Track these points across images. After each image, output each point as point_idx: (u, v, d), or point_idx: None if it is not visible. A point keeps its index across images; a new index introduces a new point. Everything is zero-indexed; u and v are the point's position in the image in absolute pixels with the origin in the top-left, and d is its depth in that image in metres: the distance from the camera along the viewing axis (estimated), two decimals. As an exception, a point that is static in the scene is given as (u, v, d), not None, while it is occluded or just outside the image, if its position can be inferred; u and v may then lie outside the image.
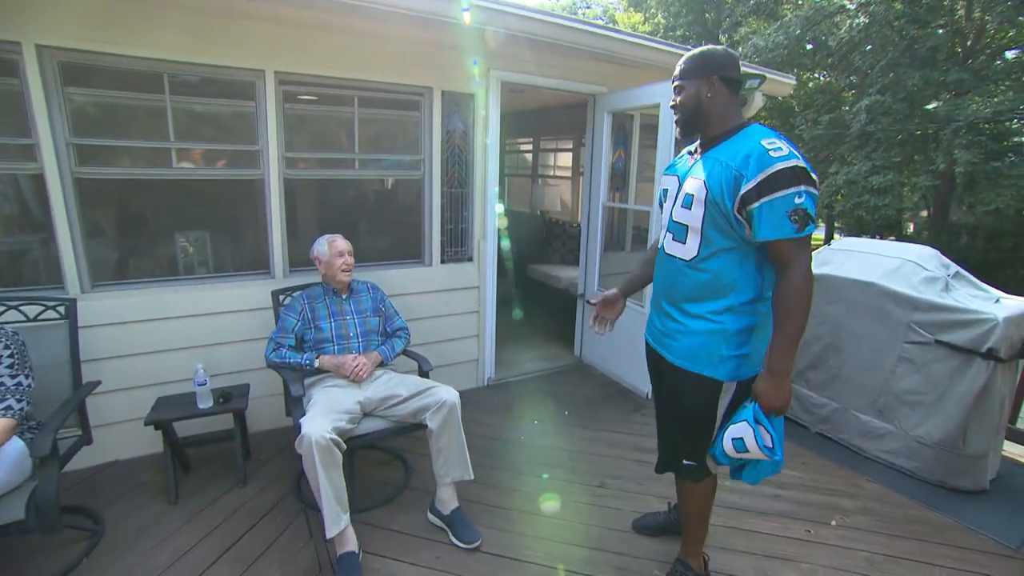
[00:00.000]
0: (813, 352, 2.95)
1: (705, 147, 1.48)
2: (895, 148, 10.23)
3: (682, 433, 1.64)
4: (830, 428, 2.90)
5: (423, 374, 2.41)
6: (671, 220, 1.53)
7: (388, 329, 2.50)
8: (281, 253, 2.73)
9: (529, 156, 6.80)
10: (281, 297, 2.53)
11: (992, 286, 2.67)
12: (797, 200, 1.26)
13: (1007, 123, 10.25)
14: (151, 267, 2.60)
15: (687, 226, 1.46)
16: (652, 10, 17.70)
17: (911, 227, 15.00)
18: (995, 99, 9.63)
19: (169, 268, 2.61)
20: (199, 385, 2.23)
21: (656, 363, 1.69)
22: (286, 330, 2.26)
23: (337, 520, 1.81)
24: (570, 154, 5.94)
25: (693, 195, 1.42)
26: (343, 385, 2.22)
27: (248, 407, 2.36)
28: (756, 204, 1.29)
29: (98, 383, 2.10)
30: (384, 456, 2.64)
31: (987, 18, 10.03)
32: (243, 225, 2.80)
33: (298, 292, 2.42)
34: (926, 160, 10.58)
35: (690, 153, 1.56)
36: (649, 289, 1.75)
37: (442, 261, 3.21)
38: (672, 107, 1.51)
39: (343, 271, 2.35)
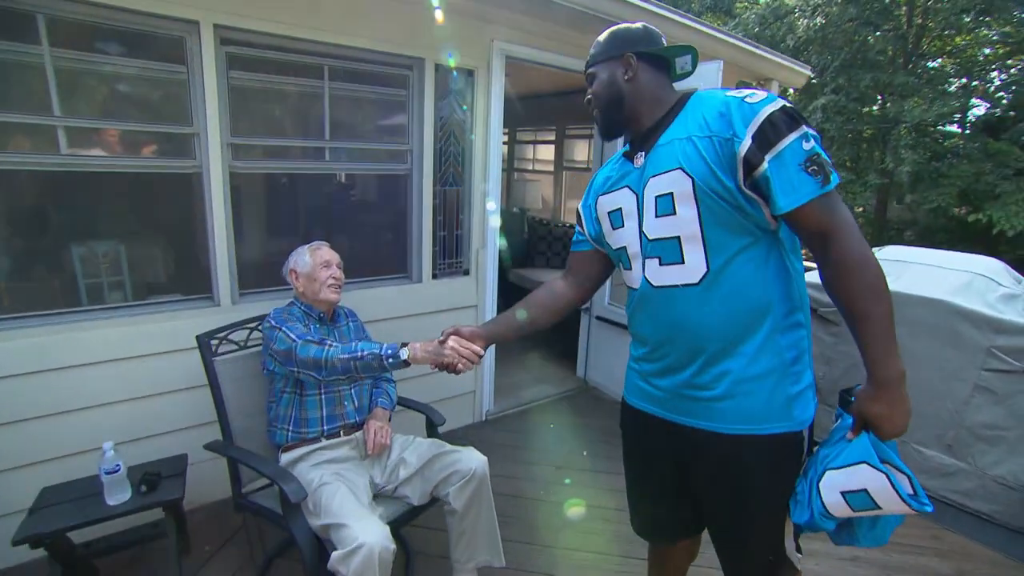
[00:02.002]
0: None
1: (645, 141, 1.11)
2: (847, 147, 10.52)
3: (758, 530, 1.13)
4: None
5: (432, 430, 1.85)
6: (645, 241, 1.10)
7: None
8: (228, 272, 2.04)
9: (504, 148, 6.23)
10: (214, 343, 1.73)
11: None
12: (805, 145, 0.93)
13: (945, 126, 10.77)
14: (35, 296, 1.84)
15: (677, 237, 1.04)
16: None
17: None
18: (935, 102, 10.05)
19: (65, 296, 1.86)
20: (108, 473, 1.54)
21: (670, 444, 1.17)
22: (304, 335, 1.54)
23: None
24: (552, 146, 5.43)
25: (672, 192, 1.02)
26: (341, 458, 1.64)
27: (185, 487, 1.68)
28: (764, 165, 0.93)
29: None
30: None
31: (930, 24, 10.45)
32: (174, 234, 2.08)
33: (272, 312, 1.67)
34: (874, 159, 10.95)
35: (626, 157, 1.16)
36: None
37: (434, 276, 2.61)
38: (587, 101, 1.18)
39: (331, 287, 1.72)
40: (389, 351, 1.42)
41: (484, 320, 2.81)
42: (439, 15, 2.26)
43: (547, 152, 5.56)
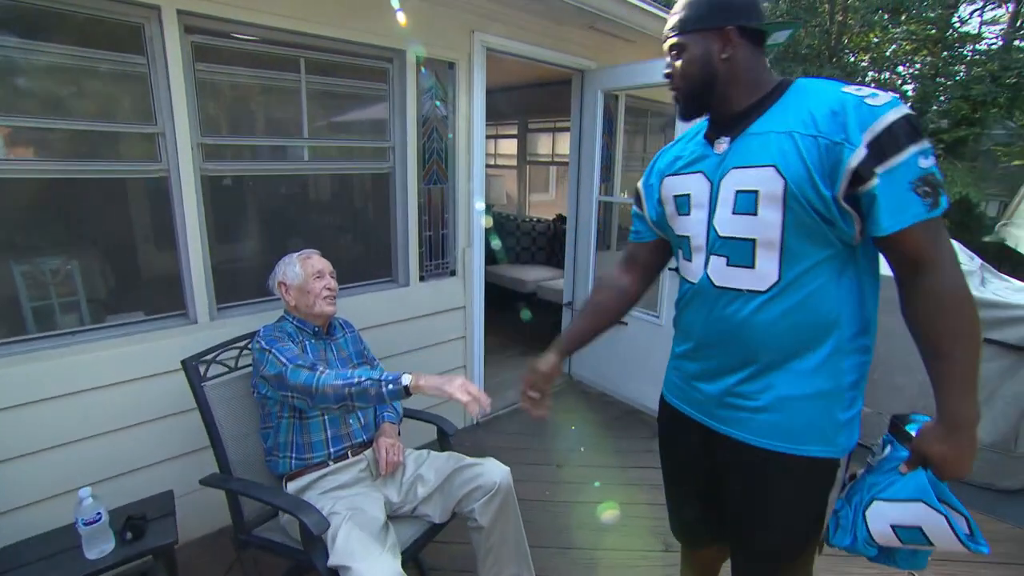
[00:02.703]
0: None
1: (731, 126, 0.98)
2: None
3: (782, 548, 1.08)
4: (862, 434, 2.72)
5: (443, 439, 1.76)
6: (714, 236, 1.00)
7: None
8: (204, 284, 1.85)
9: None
10: (202, 368, 1.57)
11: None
12: (923, 163, 0.82)
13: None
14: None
15: (753, 240, 0.94)
16: None
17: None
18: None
19: (6, 323, 1.62)
20: (87, 524, 1.34)
21: (706, 449, 1.12)
22: (298, 357, 1.41)
23: None
24: (514, 140, 5.37)
25: (758, 192, 0.92)
26: (350, 482, 1.52)
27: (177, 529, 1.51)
28: (875, 180, 0.83)
29: None
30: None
31: (849, 21, 11.23)
32: (139, 245, 1.86)
33: (262, 330, 1.52)
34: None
35: (706, 139, 1.04)
36: (668, 297, 1.16)
37: (421, 278, 2.50)
38: (667, 76, 1.04)
39: (326, 299, 1.60)
40: (390, 377, 1.29)
41: (473, 321, 2.73)
42: (401, 16, 2.14)
43: (510, 147, 5.50)
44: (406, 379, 1.27)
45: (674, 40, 1.00)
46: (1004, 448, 2.31)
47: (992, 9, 12.62)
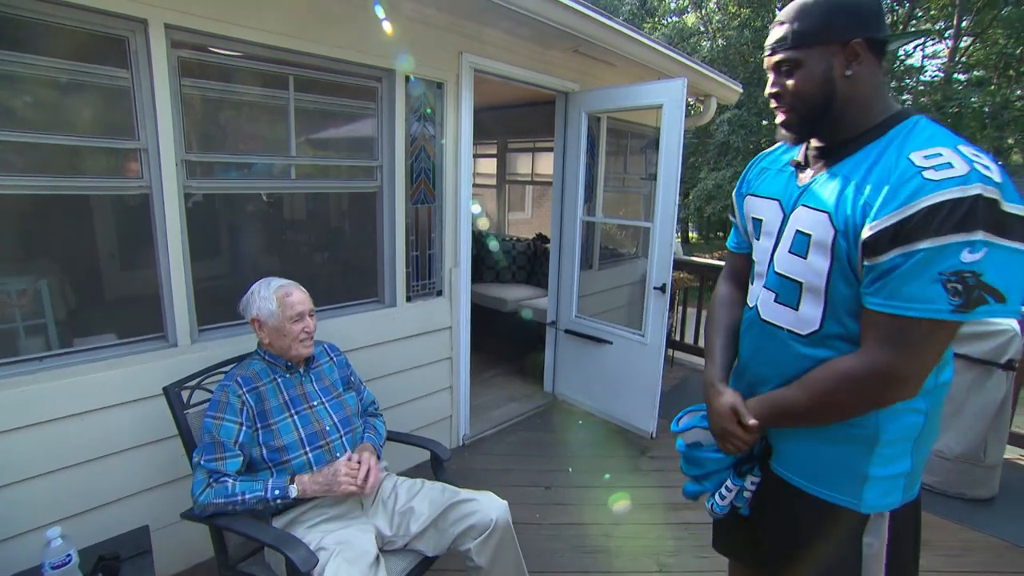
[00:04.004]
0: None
1: (828, 155, 0.91)
2: (750, 157, 11.63)
3: None
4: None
5: (437, 465, 1.71)
6: (771, 271, 0.97)
7: (361, 407, 1.74)
8: (185, 305, 1.77)
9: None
10: (184, 395, 1.52)
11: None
12: (968, 257, 0.71)
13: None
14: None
15: (800, 284, 0.91)
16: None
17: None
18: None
19: (-31, 348, 1.51)
20: (55, 568, 1.24)
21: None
22: (223, 446, 1.37)
23: None
24: (494, 160, 5.41)
25: (811, 236, 0.88)
26: (340, 514, 1.44)
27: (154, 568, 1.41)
28: (885, 257, 0.76)
29: None
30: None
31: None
32: (114, 265, 1.77)
33: (224, 377, 1.49)
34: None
35: (795, 164, 0.98)
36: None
37: (408, 299, 2.47)
38: (775, 95, 0.92)
39: (303, 343, 1.52)
40: (278, 494, 1.36)
41: (459, 341, 2.70)
42: (387, 26, 2.15)
43: (489, 166, 5.53)
44: (293, 491, 1.37)
45: (786, 55, 0.87)
46: (974, 459, 2.41)
47: (932, 44, 13.60)
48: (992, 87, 11.34)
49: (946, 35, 12.24)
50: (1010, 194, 0.74)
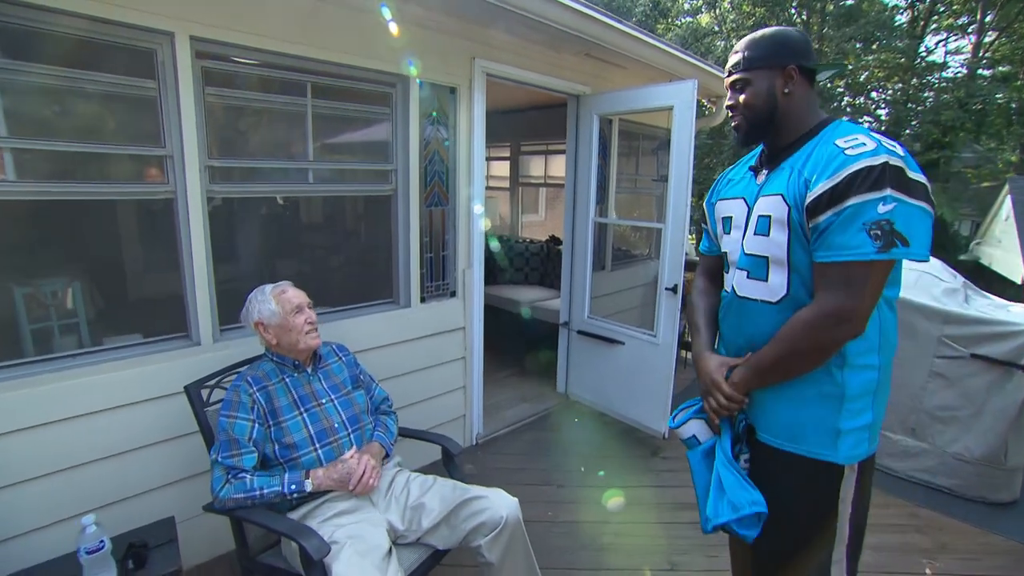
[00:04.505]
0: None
1: (774, 158, 1.14)
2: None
3: (787, 540, 1.14)
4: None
5: (448, 459, 1.75)
6: (742, 254, 1.16)
7: (372, 404, 1.78)
8: (208, 306, 1.84)
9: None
10: (204, 393, 1.59)
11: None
12: (882, 208, 0.92)
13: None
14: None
15: (766, 258, 1.09)
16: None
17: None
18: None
19: (5, 346, 1.59)
20: (90, 553, 1.31)
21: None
22: (238, 443, 1.42)
23: None
24: (507, 163, 5.46)
25: (771, 216, 1.08)
26: (352, 508, 1.48)
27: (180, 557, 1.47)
28: (823, 217, 0.97)
29: None
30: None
31: (825, 49, 11.71)
32: (142, 267, 1.85)
33: (234, 378, 1.56)
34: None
35: (752, 169, 1.20)
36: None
37: (422, 299, 2.52)
38: (730, 108, 1.16)
39: (309, 333, 1.58)
40: (293, 486, 1.42)
41: (472, 342, 2.75)
42: (400, 33, 2.20)
43: (502, 169, 5.58)
44: (308, 486, 1.43)
45: (739, 76, 1.12)
46: (994, 461, 2.37)
47: (955, 40, 13.30)
48: (1018, 83, 11.07)
49: (969, 31, 11.98)
50: (913, 166, 0.96)
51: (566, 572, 1.97)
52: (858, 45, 11.19)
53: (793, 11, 12.03)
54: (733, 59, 1.14)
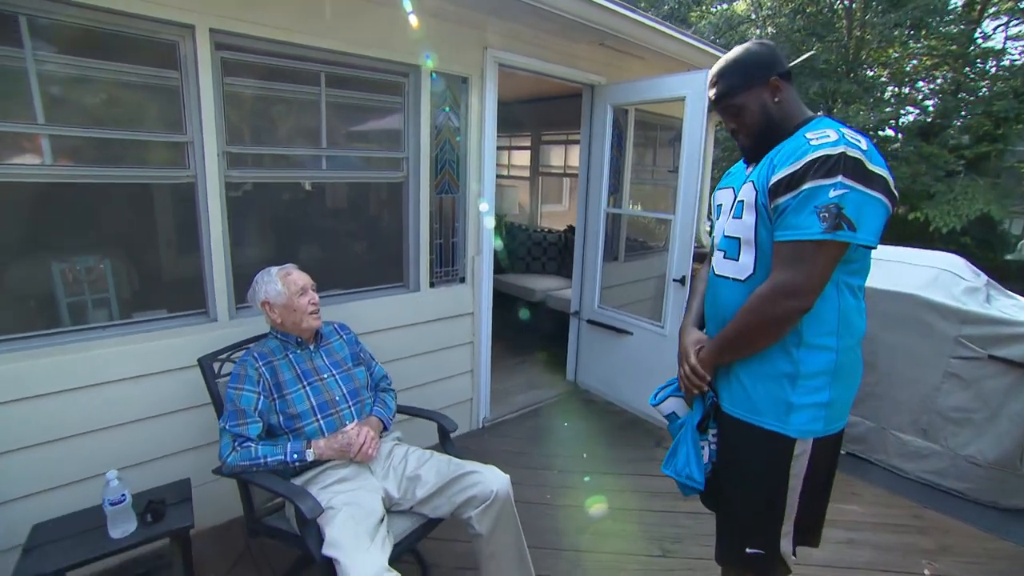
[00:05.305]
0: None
1: (760, 156, 1.20)
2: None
3: (743, 508, 1.26)
4: (864, 448, 2.73)
5: (444, 436, 1.83)
6: (722, 236, 1.25)
7: (372, 381, 1.87)
8: (224, 285, 1.95)
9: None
10: (216, 365, 1.71)
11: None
12: (832, 193, 0.98)
13: (885, 131, 11.54)
14: (11, 318, 1.69)
15: (739, 239, 1.18)
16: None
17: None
18: (875, 108, 10.76)
19: (45, 317, 1.74)
20: (113, 504, 1.44)
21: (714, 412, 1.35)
22: (245, 413, 1.52)
23: None
24: (527, 152, 5.47)
25: (744, 200, 1.17)
26: (351, 476, 1.57)
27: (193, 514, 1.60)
28: (782, 199, 1.05)
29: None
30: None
31: (867, 36, 11.18)
32: (165, 246, 1.98)
33: (242, 353, 1.67)
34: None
35: (746, 161, 1.29)
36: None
37: (431, 284, 2.59)
38: (733, 131, 1.24)
39: (312, 314, 1.67)
40: (295, 455, 1.51)
41: (480, 327, 2.81)
42: (413, 23, 2.25)
43: (523, 158, 5.60)
44: (310, 455, 1.53)
45: (728, 103, 1.19)
46: (1009, 466, 2.30)
47: (1017, 24, 12.45)
48: (1082, 71, 10.32)
49: (1030, 15, 11.20)
50: (876, 159, 1.02)
51: (556, 552, 2.03)
52: (896, 33, 10.64)
53: (833, -4, 11.50)
54: (717, 90, 1.21)
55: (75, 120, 1.67)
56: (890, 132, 11.80)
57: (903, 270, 2.65)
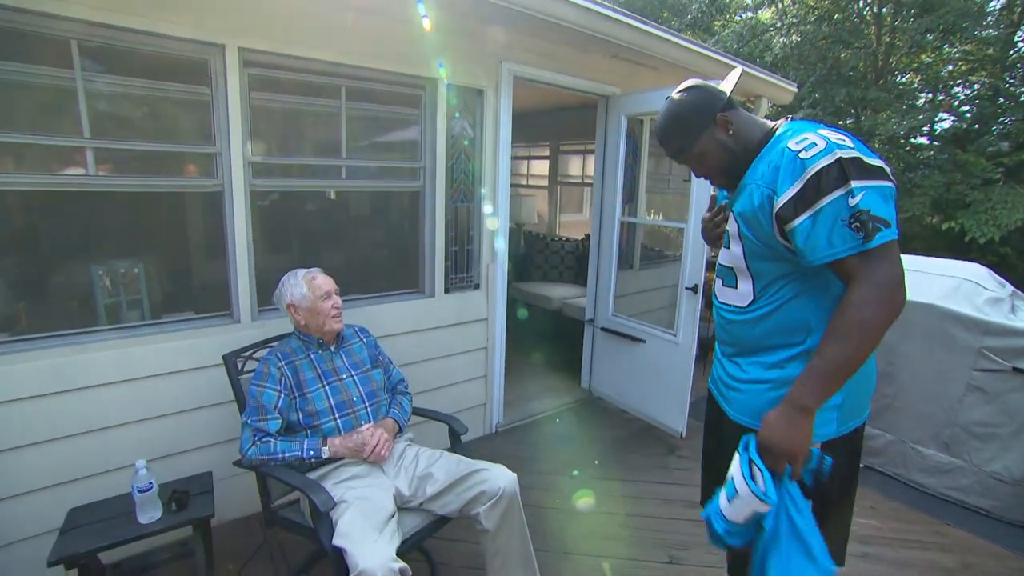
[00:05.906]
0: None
1: (740, 178, 1.19)
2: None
3: None
4: (883, 462, 2.67)
5: (454, 438, 1.88)
6: (719, 265, 1.27)
7: (389, 384, 1.93)
8: (248, 289, 2.06)
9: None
10: (239, 363, 1.80)
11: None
12: (851, 201, 0.94)
13: (917, 138, 11.22)
14: (55, 316, 1.83)
15: (732, 268, 1.21)
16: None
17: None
18: (906, 115, 10.48)
19: (84, 315, 1.86)
20: (141, 491, 1.54)
21: (716, 418, 1.35)
22: (266, 409, 1.61)
23: None
24: (546, 162, 5.53)
25: (729, 231, 1.19)
26: (364, 474, 1.64)
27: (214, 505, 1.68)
28: (797, 221, 0.99)
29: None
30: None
31: (897, 42, 10.93)
32: (193, 252, 2.10)
33: (265, 352, 1.75)
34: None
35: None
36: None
37: (446, 290, 2.66)
38: (704, 175, 1.25)
39: (334, 318, 1.75)
40: (311, 452, 1.59)
41: (495, 333, 2.86)
42: (429, 38, 2.33)
43: (542, 167, 5.66)
44: (325, 452, 1.61)
45: (684, 157, 1.21)
46: (1036, 483, 2.22)
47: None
48: None
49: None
50: (868, 152, 1.00)
51: (564, 556, 2.04)
52: (930, 37, 10.36)
53: (862, 2, 11.29)
54: (669, 149, 1.23)
55: (117, 133, 1.80)
56: (923, 140, 11.48)
57: (924, 280, 2.60)
